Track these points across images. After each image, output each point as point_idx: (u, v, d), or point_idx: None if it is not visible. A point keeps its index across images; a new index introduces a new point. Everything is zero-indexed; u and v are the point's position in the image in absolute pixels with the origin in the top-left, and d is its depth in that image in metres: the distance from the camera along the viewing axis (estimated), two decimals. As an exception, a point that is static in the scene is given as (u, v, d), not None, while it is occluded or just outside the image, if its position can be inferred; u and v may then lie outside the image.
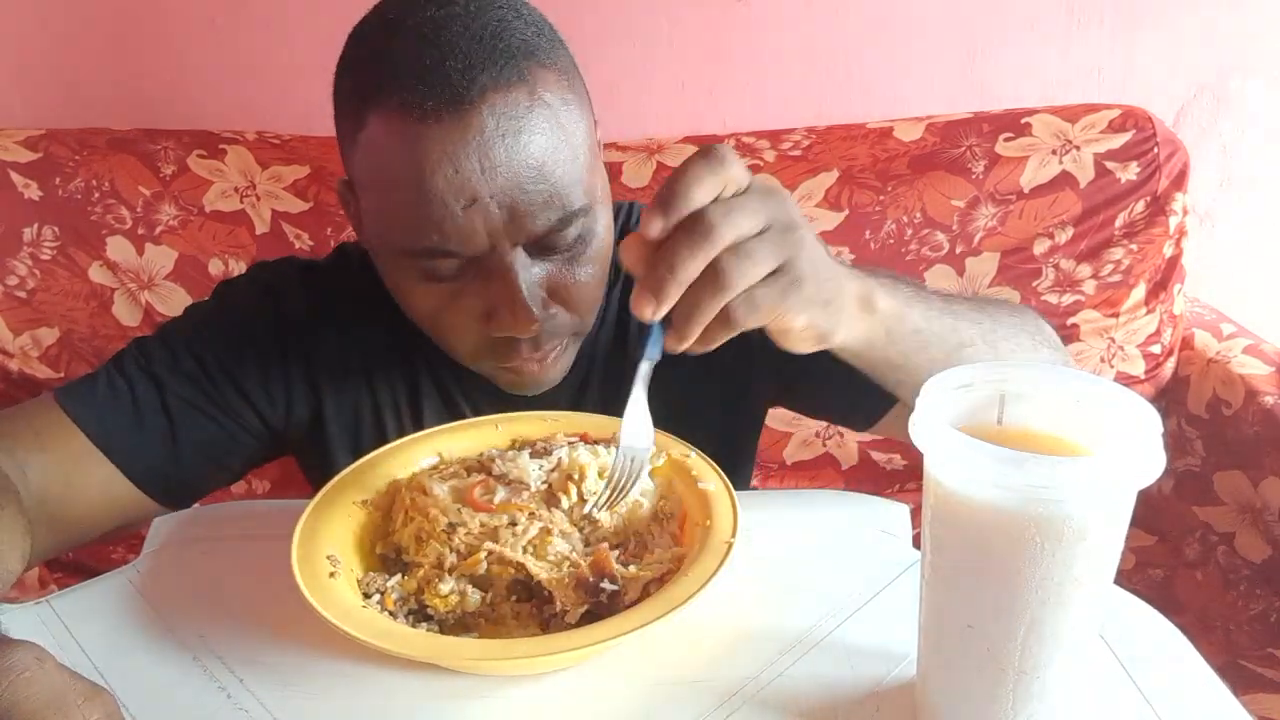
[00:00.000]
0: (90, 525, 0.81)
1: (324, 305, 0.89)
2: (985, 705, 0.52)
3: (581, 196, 0.73)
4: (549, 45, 0.74)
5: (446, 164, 0.68)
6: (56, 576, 1.49)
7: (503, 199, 0.69)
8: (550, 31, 0.76)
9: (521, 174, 0.69)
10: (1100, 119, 1.49)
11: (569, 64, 0.76)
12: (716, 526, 0.65)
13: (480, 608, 0.64)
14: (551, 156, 0.71)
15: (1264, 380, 1.39)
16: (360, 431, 0.90)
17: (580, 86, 0.77)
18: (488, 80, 0.68)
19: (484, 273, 0.73)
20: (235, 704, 0.58)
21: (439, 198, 0.69)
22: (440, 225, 0.70)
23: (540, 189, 0.70)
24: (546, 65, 0.72)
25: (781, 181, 1.49)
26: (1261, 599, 1.35)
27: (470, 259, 0.73)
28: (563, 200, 0.72)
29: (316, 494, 0.71)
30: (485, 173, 0.68)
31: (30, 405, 0.82)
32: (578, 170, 0.73)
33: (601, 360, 0.91)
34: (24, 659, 0.47)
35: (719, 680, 0.59)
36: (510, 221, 0.70)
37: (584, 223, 0.75)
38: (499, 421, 0.79)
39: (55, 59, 1.68)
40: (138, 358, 0.84)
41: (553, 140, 0.71)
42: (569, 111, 0.73)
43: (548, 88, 0.71)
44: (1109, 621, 0.61)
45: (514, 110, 0.69)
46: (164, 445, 0.82)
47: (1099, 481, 0.46)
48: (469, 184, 0.68)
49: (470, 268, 0.73)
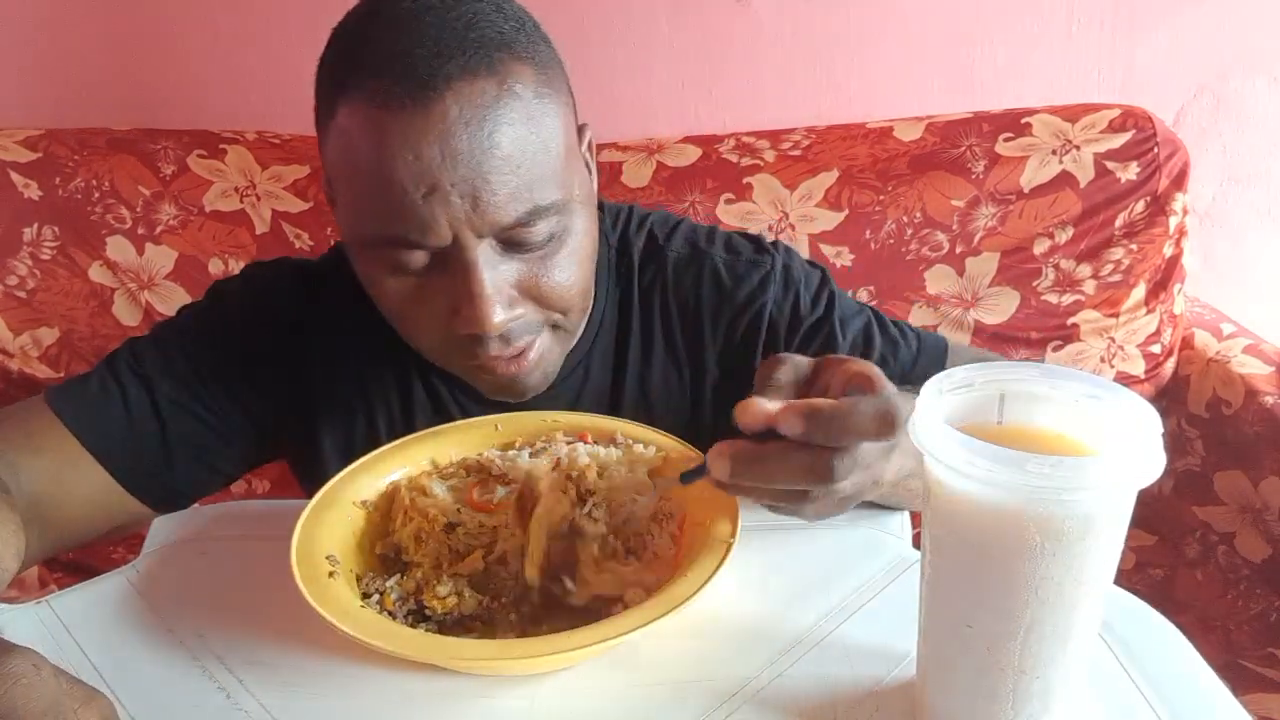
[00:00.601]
0: (84, 528, 0.81)
1: (317, 306, 0.89)
2: (985, 705, 0.52)
3: (554, 192, 0.72)
4: (527, 40, 0.73)
5: (407, 150, 0.67)
6: (56, 576, 1.49)
7: (464, 188, 0.68)
8: (533, 28, 0.75)
9: (485, 163, 0.68)
10: (1100, 119, 1.49)
11: (549, 60, 0.75)
12: (716, 527, 0.65)
13: (478, 610, 0.64)
14: (519, 148, 0.69)
15: (1264, 380, 1.39)
16: (353, 434, 0.89)
17: (560, 84, 0.76)
18: (454, 69, 0.67)
19: (449, 267, 0.72)
20: (234, 704, 0.58)
21: (399, 184, 0.68)
22: (401, 213, 0.69)
23: (505, 179, 0.69)
24: (521, 59, 0.71)
25: (781, 182, 1.50)
26: (1261, 599, 1.35)
27: (436, 253, 0.71)
28: (531, 194, 0.70)
29: (314, 495, 0.71)
30: (446, 160, 0.67)
31: (22, 406, 0.82)
32: (550, 165, 0.72)
33: (597, 372, 0.90)
34: (20, 666, 0.47)
35: (719, 680, 0.59)
36: (473, 211, 0.69)
37: (558, 220, 0.73)
38: (498, 421, 0.79)
39: (55, 59, 1.68)
40: (130, 359, 0.84)
41: (521, 132, 0.69)
42: (542, 105, 0.72)
43: (519, 80, 0.70)
44: (1109, 621, 0.61)
45: (480, 99, 0.68)
46: (155, 450, 0.82)
47: (1099, 481, 0.46)
48: (429, 171, 0.67)
49: (436, 262, 0.72)
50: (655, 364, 0.90)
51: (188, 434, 0.83)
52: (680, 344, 0.90)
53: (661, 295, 0.90)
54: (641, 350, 0.90)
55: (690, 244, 0.91)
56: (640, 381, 0.90)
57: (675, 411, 0.90)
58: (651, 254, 0.91)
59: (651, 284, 0.90)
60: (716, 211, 1.50)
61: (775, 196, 1.50)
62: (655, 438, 0.75)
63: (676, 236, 0.92)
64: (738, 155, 1.53)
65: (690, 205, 1.50)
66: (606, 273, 0.90)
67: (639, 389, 0.90)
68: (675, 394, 0.90)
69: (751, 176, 1.51)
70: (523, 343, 0.77)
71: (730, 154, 1.53)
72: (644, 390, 0.90)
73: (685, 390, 0.91)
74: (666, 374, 0.90)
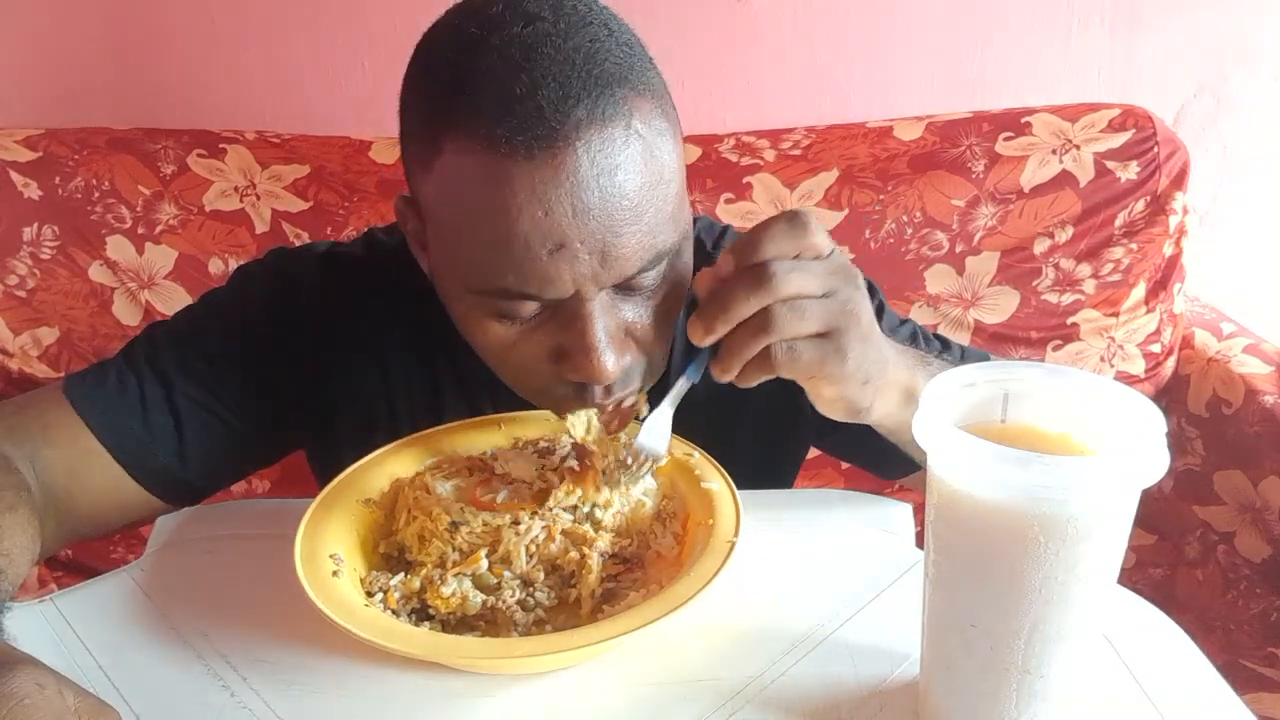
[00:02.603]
0: (98, 521, 0.81)
1: (343, 298, 0.87)
2: (988, 704, 0.52)
3: (672, 234, 0.68)
4: (641, 65, 0.68)
5: (536, 206, 0.62)
6: (56, 576, 1.49)
7: (593, 244, 0.63)
8: (640, 48, 0.70)
9: (614, 216, 0.63)
10: (1100, 118, 1.49)
11: (660, 86, 0.70)
12: (719, 526, 0.65)
13: (481, 610, 0.64)
14: (647, 196, 0.65)
15: (1264, 380, 1.39)
16: (374, 430, 0.86)
17: (671, 110, 0.71)
18: (584, 114, 0.62)
19: (561, 314, 0.67)
20: (239, 702, 0.59)
21: (523, 240, 0.63)
22: (521, 268, 0.64)
23: (634, 231, 0.65)
24: (641, 92, 0.66)
25: (781, 181, 1.50)
26: (1261, 598, 1.35)
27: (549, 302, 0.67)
28: (654, 240, 0.66)
29: (320, 493, 0.71)
30: (577, 216, 0.62)
31: (39, 396, 0.81)
32: (669, 205, 0.68)
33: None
34: (23, 685, 0.46)
35: (722, 680, 0.59)
36: (600, 267, 0.64)
37: (670, 260, 0.70)
38: (502, 421, 0.79)
39: (55, 59, 1.68)
40: (148, 351, 0.83)
41: (648, 178, 0.65)
42: (663, 142, 0.67)
43: (642, 118, 0.65)
44: (1112, 621, 0.62)
45: (610, 148, 0.63)
46: (171, 446, 0.82)
47: (1103, 481, 0.46)
48: (558, 228, 0.62)
49: (548, 308, 0.68)
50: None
51: (204, 431, 0.83)
52: None
53: None
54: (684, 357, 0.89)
55: None
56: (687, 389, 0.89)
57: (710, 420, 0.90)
58: (701, 263, 0.91)
59: None
60: (716, 211, 1.50)
61: (775, 196, 1.50)
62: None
63: (724, 242, 0.92)
64: (738, 155, 1.53)
65: (690, 205, 1.50)
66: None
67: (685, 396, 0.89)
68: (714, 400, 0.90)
69: (751, 176, 1.51)
70: (628, 395, 0.73)
71: (730, 153, 1.53)
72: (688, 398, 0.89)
73: (723, 398, 0.90)
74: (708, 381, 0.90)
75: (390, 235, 0.91)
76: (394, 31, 1.62)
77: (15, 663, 0.48)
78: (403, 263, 0.82)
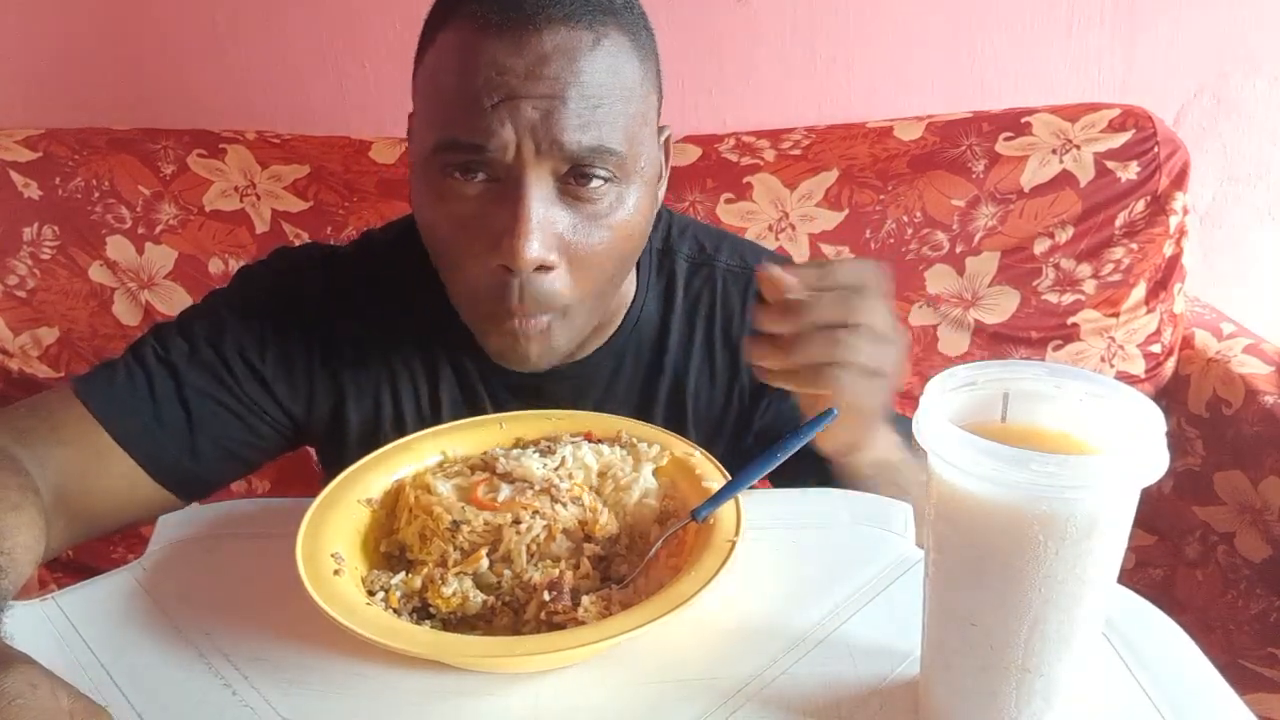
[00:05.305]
0: (109, 519, 0.81)
1: (346, 293, 0.88)
2: (988, 703, 0.52)
3: (621, 143, 0.72)
4: (633, 19, 0.75)
5: (492, 67, 0.69)
6: (56, 576, 1.49)
7: (541, 104, 0.69)
8: (640, 13, 0.77)
9: (567, 88, 0.69)
10: (1100, 118, 1.49)
11: (648, 46, 0.77)
12: (720, 525, 0.65)
13: (482, 609, 0.64)
14: (602, 93, 0.71)
15: (1264, 380, 1.39)
16: (380, 421, 0.89)
17: (652, 67, 0.77)
18: (557, 12, 0.69)
19: (503, 194, 0.71)
20: (240, 700, 0.59)
21: (474, 92, 0.69)
22: (471, 118, 0.70)
23: (580, 108, 0.70)
24: (624, 30, 0.73)
25: (781, 181, 1.50)
26: (1261, 599, 1.35)
27: (493, 182, 0.72)
28: (601, 131, 0.71)
29: (322, 490, 0.71)
30: (528, 79, 0.69)
31: (47, 398, 0.81)
32: (626, 115, 0.73)
33: (630, 364, 0.90)
34: (16, 685, 0.46)
35: (722, 678, 0.59)
36: (541, 124, 0.69)
37: (618, 185, 0.74)
38: (503, 420, 0.80)
39: (55, 59, 1.68)
40: (156, 348, 0.84)
41: (606, 78, 0.71)
42: (631, 68, 0.73)
43: (616, 44, 0.72)
44: (1112, 619, 0.62)
45: (574, 44, 0.70)
46: (182, 440, 0.82)
47: (1103, 480, 0.46)
48: (507, 84, 0.69)
49: (492, 194, 0.72)
50: (692, 369, 0.91)
51: (214, 425, 0.84)
52: (719, 354, 0.92)
53: (709, 305, 0.92)
54: (681, 353, 0.91)
55: (740, 257, 0.94)
56: (675, 384, 0.91)
57: (707, 420, 0.92)
58: (701, 263, 0.93)
59: (700, 292, 0.92)
60: (716, 211, 1.50)
61: (775, 196, 1.50)
62: (660, 436, 0.76)
63: (724, 248, 0.94)
64: (738, 155, 1.53)
65: (690, 205, 1.50)
66: (649, 271, 0.91)
67: (673, 390, 0.91)
68: (707, 402, 0.92)
69: (751, 176, 1.51)
70: (539, 311, 0.75)
71: (730, 153, 1.53)
72: (678, 392, 0.91)
73: (718, 400, 0.92)
74: (701, 381, 0.91)
75: (387, 235, 0.92)
76: (394, 31, 1.62)
77: (10, 662, 0.48)
78: (400, 261, 0.82)
